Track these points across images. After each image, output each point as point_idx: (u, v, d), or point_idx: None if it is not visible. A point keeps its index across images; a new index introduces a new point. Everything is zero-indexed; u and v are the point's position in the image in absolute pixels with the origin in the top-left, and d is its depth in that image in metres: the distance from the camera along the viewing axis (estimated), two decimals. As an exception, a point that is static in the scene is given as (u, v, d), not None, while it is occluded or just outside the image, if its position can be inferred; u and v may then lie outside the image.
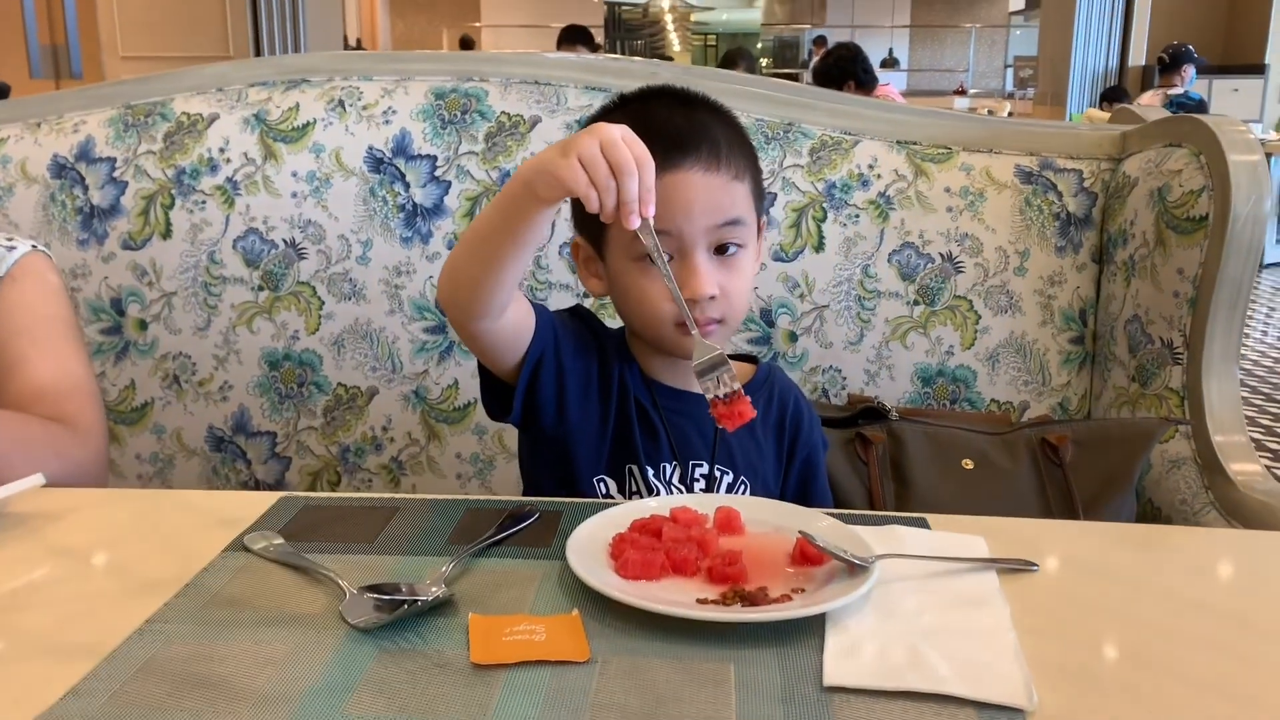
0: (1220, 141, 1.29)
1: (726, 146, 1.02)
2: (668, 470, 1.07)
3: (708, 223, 1.00)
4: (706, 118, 1.05)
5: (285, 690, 0.61)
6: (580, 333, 1.09)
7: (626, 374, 1.08)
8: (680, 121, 1.03)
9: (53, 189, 1.48)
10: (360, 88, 1.51)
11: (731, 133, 1.05)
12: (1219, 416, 1.30)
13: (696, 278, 0.99)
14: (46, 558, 0.80)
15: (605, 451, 1.07)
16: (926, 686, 0.62)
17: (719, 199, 1.00)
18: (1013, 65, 12.60)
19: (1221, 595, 0.82)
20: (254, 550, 0.80)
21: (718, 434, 1.08)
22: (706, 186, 1.00)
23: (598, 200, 0.83)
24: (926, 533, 0.85)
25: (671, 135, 1.01)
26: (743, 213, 1.02)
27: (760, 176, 1.10)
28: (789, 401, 1.14)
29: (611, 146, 0.82)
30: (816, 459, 1.15)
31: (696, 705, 0.60)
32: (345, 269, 1.47)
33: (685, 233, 0.99)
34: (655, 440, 1.07)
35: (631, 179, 0.82)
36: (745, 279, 1.04)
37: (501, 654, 0.65)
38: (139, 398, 1.49)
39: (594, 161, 0.82)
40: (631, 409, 1.07)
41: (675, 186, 0.99)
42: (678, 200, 0.99)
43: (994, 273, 1.46)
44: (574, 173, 0.82)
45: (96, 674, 0.63)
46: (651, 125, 1.00)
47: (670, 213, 0.98)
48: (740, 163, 1.04)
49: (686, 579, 0.76)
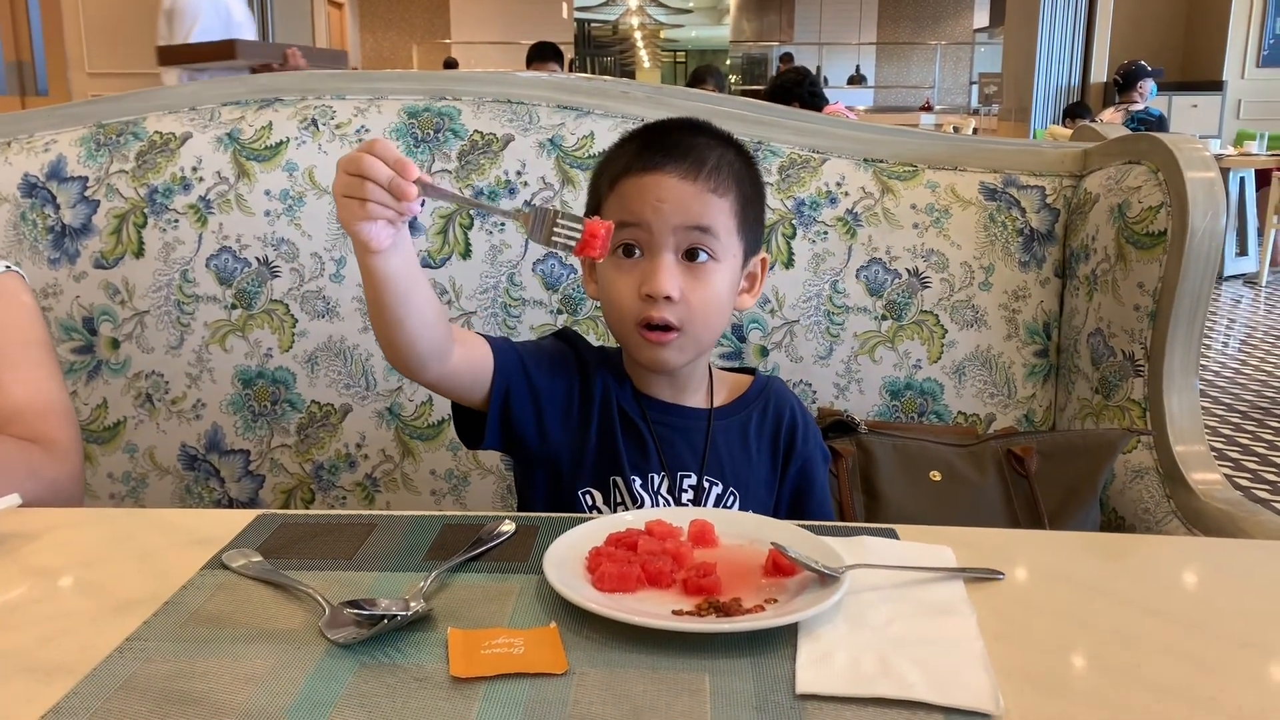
0: (1178, 159, 1.32)
1: (715, 166, 1.05)
2: (655, 481, 1.08)
3: (675, 221, 1.02)
4: (709, 141, 1.07)
5: (267, 706, 0.62)
6: (558, 353, 1.10)
7: (613, 388, 1.10)
8: (677, 138, 1.06)
9: (23, 208, 1.47)
10: (333, 106, 1.52)
11: (733, 158, 1.07)
12: (1180, 427, 1.33)
13: (657, 275, 1.01)
14: (23, 577, 0.80)
15: (590, 464, 1.08)
16: (897, 693, 0.64)
17: (689, 203, 1.02)
18: (978, 82, 12.77)
19: (1183, 602, 0.84)
20: (232, 568, 0.80)
21: (707, 446, 1.10)
22: (679, 189, 1.02)
23: (384, 209, 0.82)
24: (895, 543, 0.87)
25: (662, 144, 1.05)
26: (715, 223, 1.04)
27: (757, 208, 1.11)
28: (785, 413, 1.15)
29: (347, 162, 0.82)
30: (813, 471, 1.15)
31: (673, 714, 0.62)
32: (319, 287, 1.47)
33: (653, 228, 1.02)
34: (644, 452, 1.09)
35: (371, 165, 0.81)
36: (712, 291, 1.04)
37: (480, 667, 0.66)
38: (111, 417, 1.49)
39: (349, 186, 0.82)
40: (615, 422, 1.08)
41: (648, 185, 1.03)
42: (648, 196, 1.02)
43: (959, 288, 1.48)
44: (348, 210, 0.82)
45: (77, 692, 0.63)
46: (650, 139, 1.07)
47: (640, 207, 1.02)
48: (727, 181, 1.05)
49: (662, 591, 0.77)
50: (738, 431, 1.12)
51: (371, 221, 0.83)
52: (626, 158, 1.07)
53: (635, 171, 1.04)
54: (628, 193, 1.04)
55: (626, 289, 1.03)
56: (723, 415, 1.12)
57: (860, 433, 1.33)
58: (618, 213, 1.04)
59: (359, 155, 0.82)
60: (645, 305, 1.02)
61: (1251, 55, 8.55)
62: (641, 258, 1.03)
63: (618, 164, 1.07)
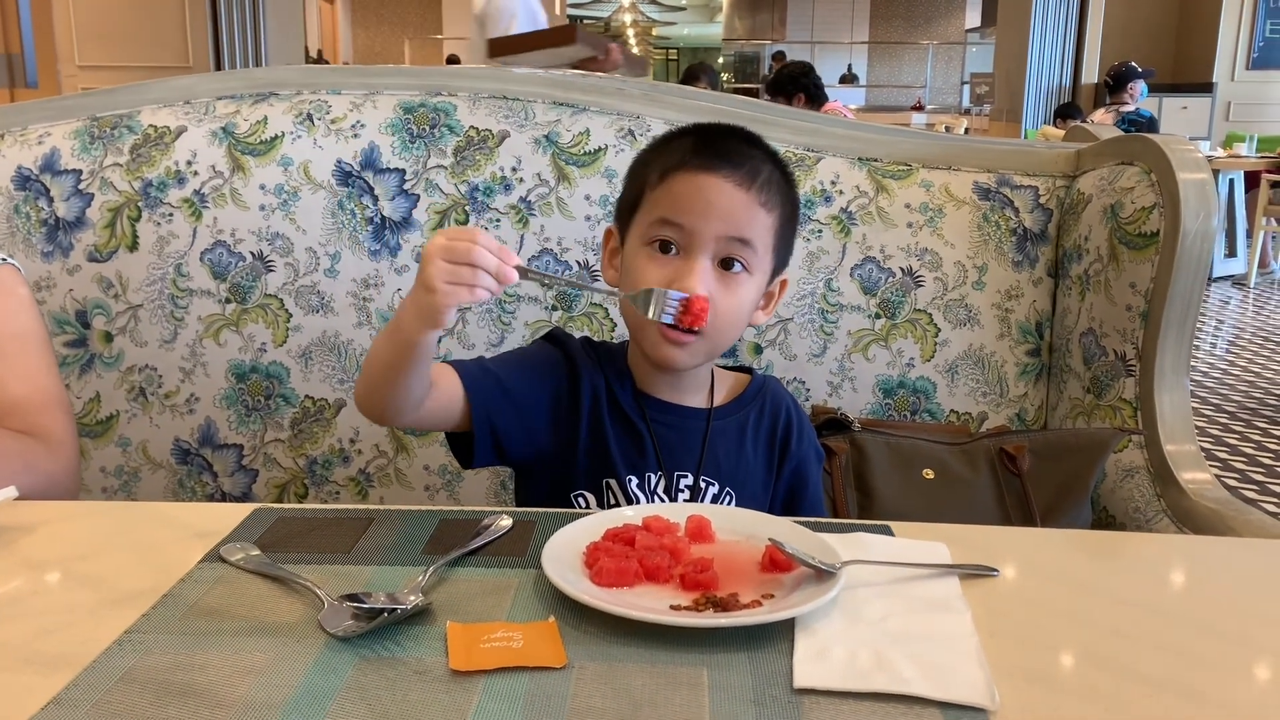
0: (1170, 160, 1.33)
1: (767, 180, 1.05)
2: (652, 480, 1.09)
3: (720, 230, 1.02)
4: (761, 155, 1.08)
5: (267, 698, 0.62)
6: (543, 358, 1.10)
7: (613, 386, 1.11)
8: (734, 146, 1.07)
9: (16, 201, 1.47)
10: (329, 101, 1.52)
11: (780, 177, 1.08)
12: (1170, 427, 1.34)
13: (692, 275, 1.01)
14: (21, 570, 0.80)
15: (584, 467, 1.08)
16: (893, 688, 0.64)
17: (738, 212, 1.03)
18: (969, 82, 12.79)
19: (1174, 598, 0.85)
20: (231, 561, 0.80)
21: (705, 446, 1.10)
22: (730, 196, 1.03)
23: (486, 293, 0.85)
24: (890, 540, 0.88)
25: (717, 147, 1.05)
26: (757, 238, 1.04)
27: (791, 231, 1.13)
28: (781, 412, 1.16)
29: (451, 252, 0.85)
30: (806, 470, 1.16)
31: (672, 708, 0.62)
32: (313, 281, 1.47)
33: (696, 231, 1.02)
34: (642, 451, 1.09)
35: (481, 255, 0.84)
36: (739, 303, 1.05)
37: (480, 660, 0.66)
38: (104, 410, 1.48)
39: (454, 274, 0.84)
40: (606, 423, 1.09)
41: (700, 187, 1.03)
42: (698, 199, 1.02)
43: (953, 287, 1.49)
44: (455, 296, 0.85)
45: (78, 684, 0.63)
46: (706, 140, 1.07)
47: (688, 208, 1.02)
48: (774, 199, 1.06)
49: (660, 586, 0.77)
50: (735, 431, 1.13)
51: (471, 293, 0.85)
52: (681, 152, 1.06)
53: (690, 168, 1.04)
54: (678, 190, 1.04)
55: (656, 280, 1.03)
56: (721, 415, 1.13)
57: (854, 430, 1.34)
58: (665, 208, 1.04)
59: (467, 246, 0.84)
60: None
61: (1241, 57, 8.59)
62: (677, 255, 1.03)
63: (671, 156, 1.07)
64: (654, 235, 1.04)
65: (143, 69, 5.55)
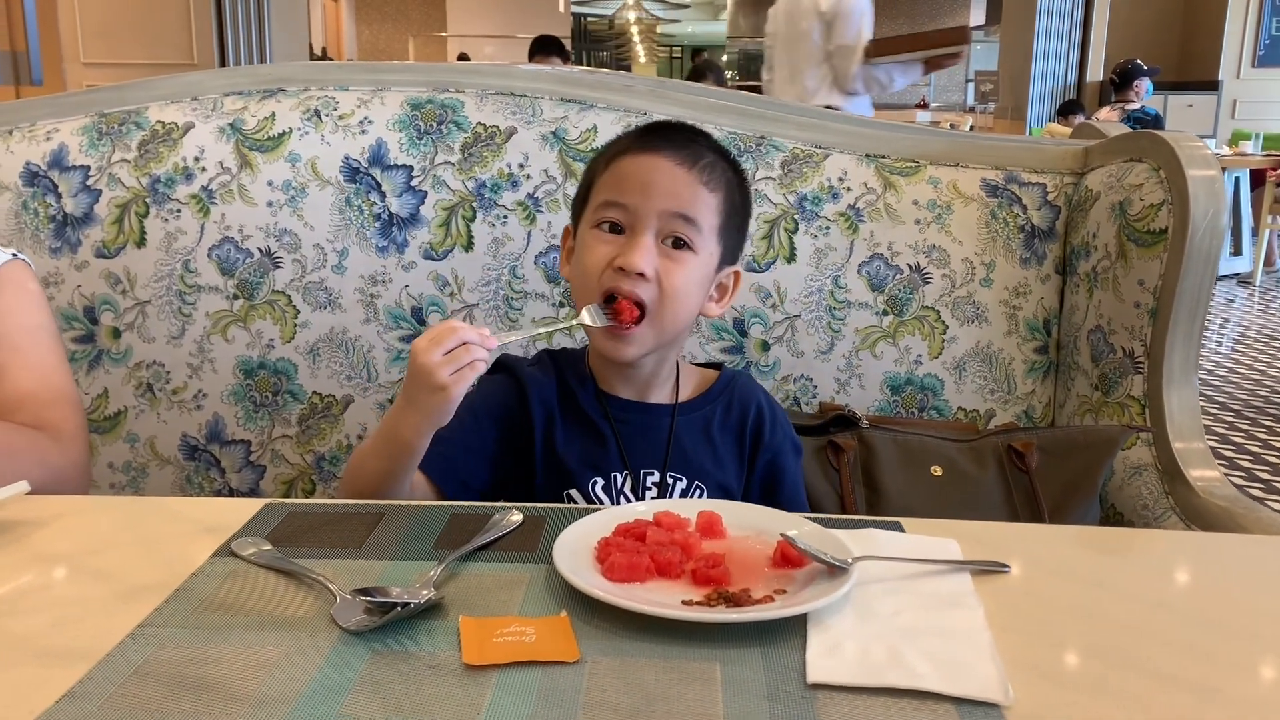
0: (1179, 157, 1.33)
1: (710, 164, 1.08)
2: (619, 480, 1.09)
3: (662, 205, 1.05)
4: (705, 145, 1.11)
5: (281, 692, 0.62)
6: (488, 397, 1.12)
7: (572, 390, 1.13)
8: (677, 134, 1.11)
9: (25, 197, 1.47)
10: (336, 98, 1.52)
11: (725, 165, 1.11)
12: (1179, 424, 1.33)
13: (634, 250, 1.04)
14: (33, 564, 0.80)
15: (542, 483, 1.10)
16: (907, 683, 0.64)
17: (680, 189, 1.05)
18: (974, 80, 12.77)
19: (1186, 595, 0.85)
20: (242, 556, 0.80)
21: (670, 442, 1.11)
22: (671, 174, 1.06)
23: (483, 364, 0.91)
24: (901, 536, 0.88)
25: (662, 133, 1.10)
26: (699, 215, 1.06)
27: (740, 217, 1.15)
28: (750, 406, 1.16)
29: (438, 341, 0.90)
30: (783, 463, 1.16)
31: (685, 703, 0.62)
32: (321, 278, 1.47)
33: (639, 209, 1.05)
34: (606, 451, 1.10)
35: (463, 331, 0.91)
36: (684, 278, 1.06)
37: (493, 655, 0.66)
38: (112, 406, 1.48)
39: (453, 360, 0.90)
40: (560, 433, 1.11)
41: (641, 165, 1.06)
42: (639, 176, 1.06)
43: (961, 284, 1.49)
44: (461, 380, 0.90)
45: (92, 677, 0.63)
46: (652, 127, 1.13)
47: (631, 187, 1.06)
48: (717, 181, 1.09)
49: (671, 581, 0.77)
50: (701, 426, 1.13)
51: (468, 374, 0.91)
52: (626, 141, 1.11)
53: (632, 151, 1.08)
54: (622, 170, 1.07)
55: (601, 259, 1.05)
56: (686, 411, 1.14)
57: (863, 427, 1.34)
58: (609, 190, 1.07)
59: (448, 328, 0.90)
60: (616, 277, 1.04)
61: (1247, 55, 8.57)
62: (623, 235, 1.06)
63: (617, 145, 1.12)
64: (601, 217, 1.07)
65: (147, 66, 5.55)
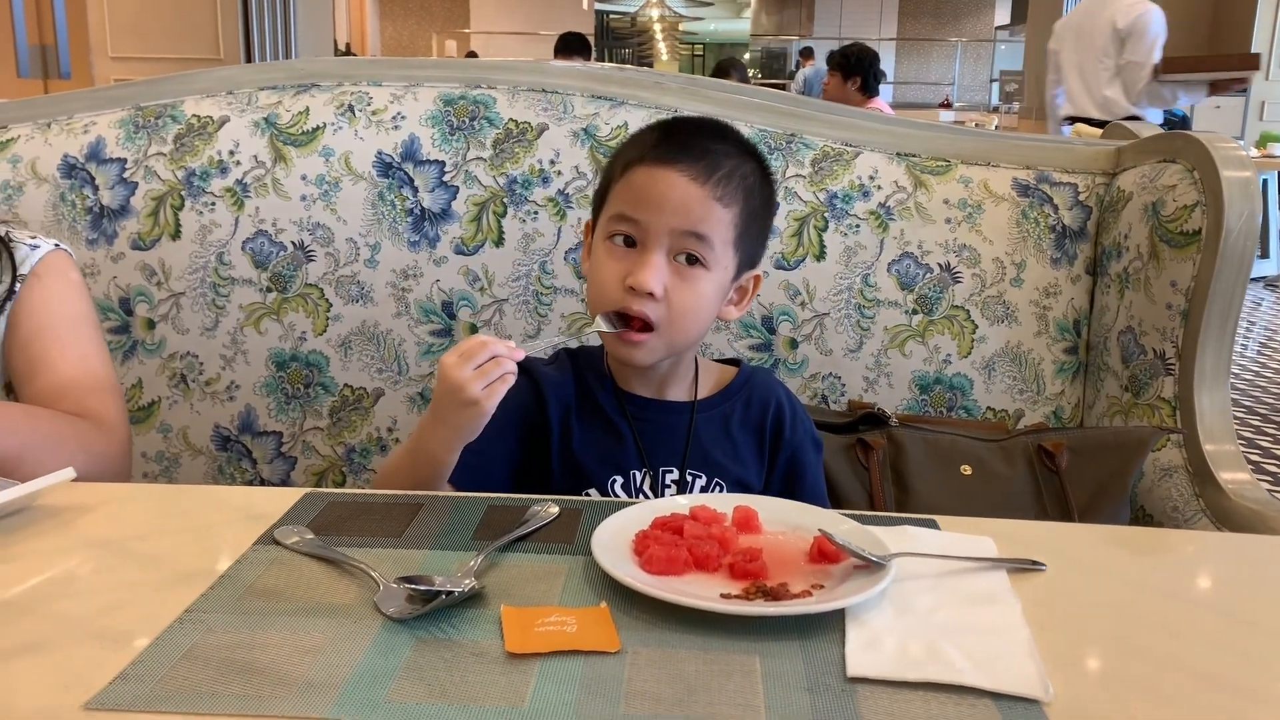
0: (1214, 158, 1.32)
1: (727, 173, 1.05)
2: (638, 477, 1.10)
3: (673, 224, 1.03)
4: (728, 149, 1.07)
5: (328, 677, 0.63)
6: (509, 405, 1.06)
7: (590, 389, 1.13)
8: (698, 139, 1.07)
9: (63, 189, 1.49)
10: (370, 93, 1.53)
11: (747, 170, 1.07)
12: (1210, 426, 1.33)
13: (644, 269, 1.02)
14: (81, 549, 0.82)
15: (560, 485, 1.10)
16: (946, 678, 0.64)
17: (692, 207, 1.03)
18: (998, 79, 12.71)
19: (1222, 595, 0.85)
20: (285, 544, 0.81)
21: (689, 439, 1.11)
22: (683, 190, 1.03)
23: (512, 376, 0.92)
24: (937, 533, 0.88)
25: (680, 141, 1.06)
26: (712, 233, 1.04)
27: (761, 223, 1.12)
28: (770, 402, 1.16)
29: (468, 355, 0.91)
30: (803, 459, 1.16)
31: (727, 694, 0.63)
32: (353, 272, 1.49)
33: (650, 225, 1.03)
34: (624, 449, 1.10)
35: (492, 344, 0.91)
36: (695, 296, 1.05)
37: (535, 644, 0.67)
38: (146, 397, 1.50)
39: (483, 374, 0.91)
40: (577, 433, 1.10)
41: (654, 180, 1.04)
42: (652, 193, 1.03)
43: (991, 283, 1.49)
44: (493, 393, 0.91)
45: (144, 660, 0.64)
46: (672, 132, 1.08)
47: (642, 202, 1.03)
48: (735, 193, 1.05)
49: (709, 575, 0.78)
50: (720, 423, 1.13)
51: (497, 388, 0.91)
52: (643, 147, 1.07)
53: (648, 162, 1.05)
54: (635, 183, 1.05)
55: (613, 275, 1.04)
56: (705, 408, 1.13)
57: (892, 426, 1.34)
58: (623, 202, 1.05)
59: (478, 343, 0.91)
60: (626, 296, 1.03)
61: (1277, 57, 8.48)
62: (635, 249, 1.05)
63: (633, 150, 1.08)
64: (613, 230, 1.05)
65: (175, 60, 5.59)
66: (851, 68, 4.87)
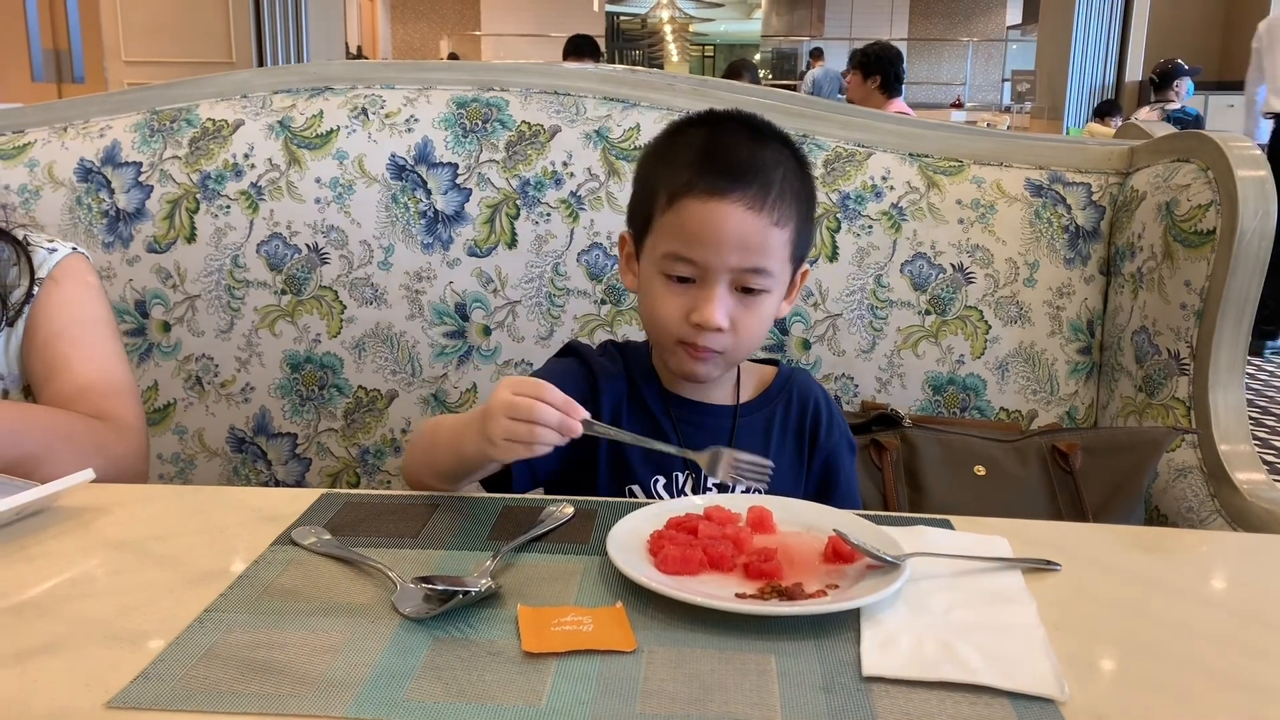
0: (1228, 157, 1.32)
1: (779, 190, 1.01)
2: (680, 479, 1.10)
3: (735, 262, 1.00)
4: (772, 154, 1.04)
5: (347, 676, 0.64)
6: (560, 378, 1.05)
7: (637, 386, 1.12)
8: (743, 153, 1.02)
9: (79, 192, 1.50)
10: (383, 96, 1.54)
11: (792, 174, 1.04)
12: (1225, 426, 1.33)
13: (710, 305, 1.00)
14: (100, 550, 0.82)
15: (605, 475, 1.10)
16: (962, 677, 0.65)
17: (752, 241, 1.00)
18: (1010, 79, 12.68)
19: (1237, 595, 0.85)
20: (302, 545, 0.82)
21: (731, 442, 1.11)
22: (742, 224, 0.99)
23: (545, 447, 0.88)
24: (951, 533, 0.88)
25: (727, 163, 1.01)
26: (773, 264, 1.02)
27: (810, 223, 1.09)
28: (809, 404, 1.16)
29: (513, 409, 0.87)
30: (837, 462, 1.16)
31: (743, 693, 0.63)
32: (367, 274, 1.49)
33: (709, 264, 1.00)
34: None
35: (543, 413, 0.87)
36: (761, 320, 1.04)
37: (552, 643, 0.67)
38: (161, 399, 1.51)
39: (511, 431, 0.87)
40: (626, 428, 1.08)
41: (713, 217, 0.99)
42: (710, 231, 0.99)
43: (1004, 283, 1.49)
44: (511, 451, 0.88)
45: (164, 659, 0.65)
46: (714, 148, 1.03)
47: (701, 240, 1.00)
48: (789, 209, 1.02)
49: (724, 575, 0.78)
50: (762, 426, 1.13)
51: (529, 449, 0.88)
52: (688, 171, 1.02)
53: (698, 194, 1.00)
54: (687, 221, 1.00)
55: (674, 311, 1.02)
56: (748, 411, 1.13)
57: (905, 426, 1.34)
58: (675, 240, 1.01)
59: (529, 404, 0.86)
60: (692, 331, 1.02)
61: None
62: (693, 284, 1.02)
63: (677, 176, 1.02)
64: (668, 269, 1.02)
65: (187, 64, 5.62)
66: (871, 66, 4.81)
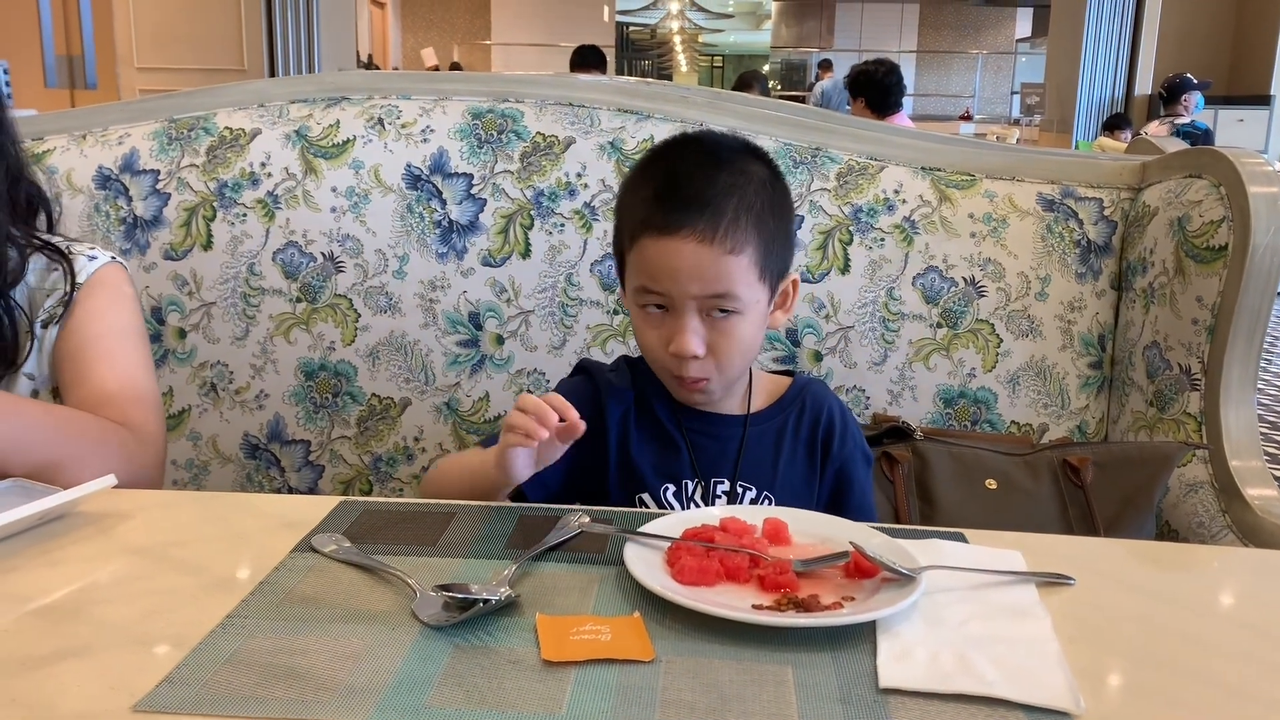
0: (1241, 174, 1.33)
1: (733, 218, 1.02)
2: (690, 487, 1.10)
3: (696, 290, 1.03)
4: (728, 179, 1.04)
5: (369, 682, 0.64)
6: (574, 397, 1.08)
7: (648, 398, 1.13)
8: (696, 184, 1.04)
9: (97, 199, 1.51)
10: (399, 106, 1.55)
11: (751, 197, 1.04)
12: (1236, 442, 1.33)
13: (682, 336, 1.04)
14: (121, 555, 0.83)
15: (615, 484, 1.11)
16: (978, 690, 0.65)
17: (707, 271, 1.02)
18: (1019, 92, 12.69)
19: (1246, 609, 0.85)
20: (322, 552, 0.83)
21: (741, 451, 1.11)
22: (696, 257, 1.01)
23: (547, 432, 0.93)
24: (965, 547, 0.88)
25: (678, 198, 1.03)
26: (734, 287, 1.03)
27: (782, 236, 1.09)
28: (822, 415, 1.16)
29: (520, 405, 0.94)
30: (851, 473, 1.16)
31: (760, 703, 0.63)
32: (382, 283, 1.50)
33: (673, 295, 1.04)
34: (678, 459, 1.11)
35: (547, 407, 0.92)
36: (738, 341, 1.06)
37: (570, 652, 0.68)
38: (176, 405, 1.52)
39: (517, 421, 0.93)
40: (633, 440, 1.12)
41: (666, 253, 1.02)
42: (666, 266, 1.03)
43: (1016, 297, 1.49)
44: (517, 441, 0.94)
45: (187, 664, 0.66)
46: (665, 183, 1.05)
47: (658, 275, 1.04)
48: (745, 234, 1.03)
49: (740, 586, 0.79)
50: (773, 436, 1.14)
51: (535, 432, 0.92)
52: (645, 208, 1.04)
53: (652, 232, 1.03)
54: (647, 256, 1.04)
55: (656, 341, 1.07)
56: (758, 421, 1.14)
57: (917, 439, 1.35)
58: (640, 274, 1.05)
59: (538, 401, 0.93)
60: (675, 362, 1.05)
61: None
62: (667, 314, 1.06)
63: (635, 211, 1.06)
64: (641, 301, 1.07)
65: (199, 71, 5.66)
66: (857, 88, 4.79)
